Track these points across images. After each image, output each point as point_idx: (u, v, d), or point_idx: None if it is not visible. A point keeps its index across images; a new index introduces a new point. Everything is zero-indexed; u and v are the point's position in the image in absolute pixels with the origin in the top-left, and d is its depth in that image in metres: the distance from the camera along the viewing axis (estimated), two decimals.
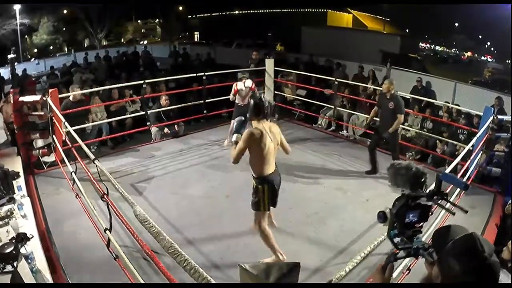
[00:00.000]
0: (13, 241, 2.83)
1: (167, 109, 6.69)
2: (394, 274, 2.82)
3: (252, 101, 3.23)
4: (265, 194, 3.24)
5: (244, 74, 6.17)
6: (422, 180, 1.42)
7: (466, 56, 30.51)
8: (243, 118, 3.31)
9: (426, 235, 2.79)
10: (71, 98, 5.88)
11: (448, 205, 1.51)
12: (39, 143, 5.27)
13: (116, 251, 2.95)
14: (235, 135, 3.20)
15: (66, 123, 4.30)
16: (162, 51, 18.53)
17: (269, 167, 3.24)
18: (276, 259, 3.31)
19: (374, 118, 5.71)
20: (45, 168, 5.20)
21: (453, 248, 1.02)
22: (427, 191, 1.43)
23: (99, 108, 7.00)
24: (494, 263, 0.97)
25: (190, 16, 32.68)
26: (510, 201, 4.31)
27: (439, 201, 1.42)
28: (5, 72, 12.04)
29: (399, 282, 2.85)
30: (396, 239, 1.39)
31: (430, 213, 1.49)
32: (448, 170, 3.83)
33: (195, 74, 7.40)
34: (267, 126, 3.16)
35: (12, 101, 4.87)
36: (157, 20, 28.97)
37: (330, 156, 6.00)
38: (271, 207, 3.36)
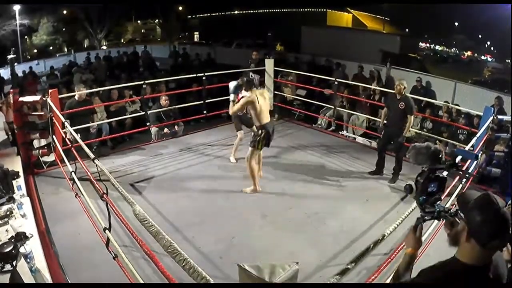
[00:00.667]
0: (13, 240, 2.83)
1: (167, 109, 6.69)
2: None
3: (244, 78, 4.43)
4: (262, 136, 4.45)
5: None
6: (440, 156, 1.73)
7: (466, 55, 30.50)
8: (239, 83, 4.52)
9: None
10: (76, 97, 5.88)
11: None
12: (39, 143, 5.27)
13: (115, 250, 2.95)
14: (232, 95, 4.50)
15: (66, 123, 4.31)
16: (162, 51, 18.54)
17: (265, 119, 4.45)
18: (254, 187, 4.63)
19: (374, 119, 5.71)
20: (45, 168, 5.20)
21: (475, 204, 1.30)
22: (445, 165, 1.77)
23: (99, 108, 6.99)
24: (506, 212, 1.25)
25: (190, 16, 32.68)
26: (510, 202, 4.30)
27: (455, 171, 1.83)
28: (4, 73, 12.07)
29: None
30: (424, 205, 1.67)
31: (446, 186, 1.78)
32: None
33: (195, 75, 7.40)
34: (258, 92, 4.42)
35: (12, 101, 4.87)
36: (157, 20, 28.96)
37: (330, 156, 5.99)
38: (263, 148, 4.61)
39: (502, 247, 1.37)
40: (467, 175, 3.76)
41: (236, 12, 32.48)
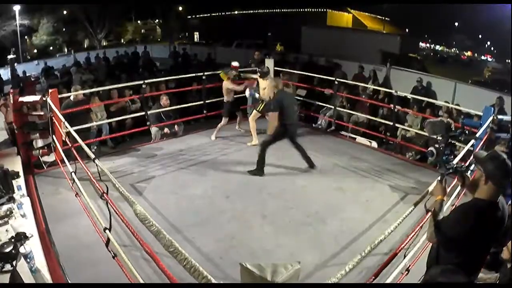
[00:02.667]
0: (13, 240, 2.83)
1: (167, 109, 6.69)
2: (394, 274, 2.83)
3: (264, 69, 6.32)
4: (262, 103, 6.18)
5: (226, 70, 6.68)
6: (451, 127, 2.44)
7: (466, 56, 30.50)
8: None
9: None
10: (72, 98, 5.89)
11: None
12: (39, 143, 5.27)
13: (115, 250, 2.94)
14: (253, 95, 6.41)
15: (66, 123, 4.30)
16: (162, 51, 18.53)
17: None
18: (255, 139, 6.17)
19: (374, 119, 5.68)
20: (45, 168, 5.19)
21: (488, 158, 1.92)
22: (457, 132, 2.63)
23: (99, 108, 7.00)
24: (509, 161, 1.88)
25: (190, 16, 32.70)
26: (510, 201, 4.30)
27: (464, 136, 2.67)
28: (4, 73, 12.07)
29: (399, 282, 2.84)
30: (446, 163, 2.31)
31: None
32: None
33: (194, 74, 7.40)
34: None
35: (12, 101, 4.87)
36: (157, 20, 28.99)
37: (330, 156, 5.99)
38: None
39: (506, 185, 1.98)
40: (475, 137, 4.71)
41: (236, 12, 32.49)
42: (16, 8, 19.13)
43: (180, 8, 30.32)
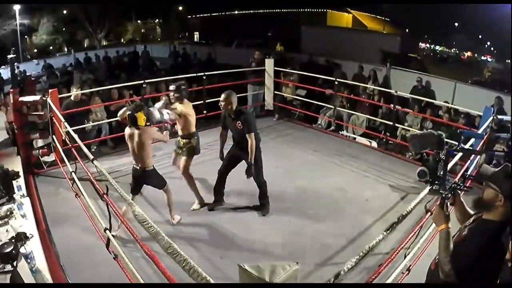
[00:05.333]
0: (13, 240, 2.83)
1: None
2: (394, 274, 2.83)
3: (182, 86, 4.36)
4: (196, 143, 4.40)
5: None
6: (443, 139, 1.98)
7: (466, 56, 30.48)
8: None
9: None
10: (72, 98, 5.88)
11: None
12: (39, 143, 5.27)
13: (115, 250, 2.95)
14: (164, 115, 4.29)
15: (66, 123, 4.30)
16: (162, 51, 18.52)
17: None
18: (200, 200, 4.35)
19: (374, 119, 5.69)
20: (45, 168, 5.19)
21: (502, 175, 1.78)
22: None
23: (99, 108, 6.99)
24: None
25: (190, 16, 32.67)
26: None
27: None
28: (4, 72, 12.06)
29: (399, 282, 2.85)
30: (443, 182, 1.94)
31: None
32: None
33: (195, 74, 7.40)
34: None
35: (11, 101, 4.87)
36: (157, 20, 28.96)
37: (330, 156, 5.99)
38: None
39: None
40: (476, 153, 4.31)
41: (236, 12, 32.47)
42: (16, 7, 19.13)
43: (180, 8, 30.29)
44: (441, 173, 1.92)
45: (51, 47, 24.48)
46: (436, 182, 1.93)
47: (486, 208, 1.77)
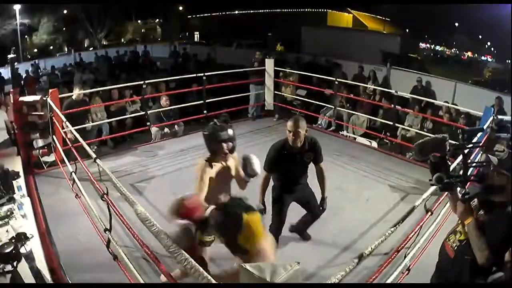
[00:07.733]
0: (13, 241, 2.83)
1: (167, 109, 6.69)
2: (395, 274, 2.83)
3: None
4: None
5: None
6: (447, 140, 2.14)
7: (466, 56, 30.47)
8: None
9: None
10: (74, 97, 5.89)
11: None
12: (39, 143, 5.27)
13: (116, 251, 2.95)
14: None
15: (67, 123, 4.30)
16: (162, 51, 18.53)
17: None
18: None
19: (374, 119, 5.68)
20: (45, 168, 5.19)
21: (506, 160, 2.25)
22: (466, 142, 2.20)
23: (99, 108, 7.00)
24: None
25: (190, 16, 32.68)
26: None
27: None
28: (5, 72, 12.07)
29: (399, 282, 2.85)
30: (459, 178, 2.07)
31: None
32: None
33: (195, 75, 7.40)
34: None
35: (12, 101, 4.87)
36: (157, 20, 28.95)
37: (330, 156, 5.97)
38: None
39: None
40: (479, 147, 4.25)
41: (236, 12, 32.47)
42: (16, 7, 19.13)
43: (181, 8, 30.30)
44: (460, 172, 2.07)
45: (51, 47, 24.48)
46: (458, 180, 2.05)
47: (499, 192, 1.96)
